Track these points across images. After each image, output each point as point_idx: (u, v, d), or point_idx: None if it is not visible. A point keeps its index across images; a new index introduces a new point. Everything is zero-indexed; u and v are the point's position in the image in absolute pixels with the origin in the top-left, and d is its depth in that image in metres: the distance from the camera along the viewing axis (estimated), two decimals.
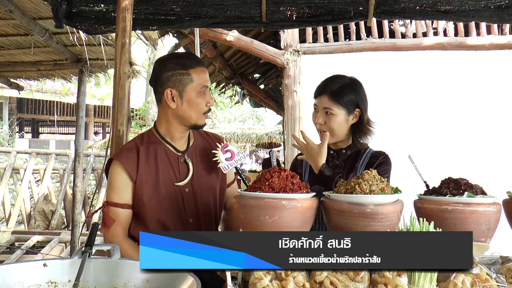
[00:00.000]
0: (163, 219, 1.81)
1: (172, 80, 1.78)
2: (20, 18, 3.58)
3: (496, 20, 2.52)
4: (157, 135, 1.87)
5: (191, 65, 1.79)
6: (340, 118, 1.96)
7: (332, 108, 1.95)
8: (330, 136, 1.97)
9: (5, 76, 5.49)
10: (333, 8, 2.55)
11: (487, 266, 1.24)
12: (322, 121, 1.97)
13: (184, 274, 1.11)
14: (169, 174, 1.82)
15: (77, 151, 5.09)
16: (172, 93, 1.78)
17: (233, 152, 1.73)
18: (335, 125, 1.95)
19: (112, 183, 1.80)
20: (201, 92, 1.79)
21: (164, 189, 1.80)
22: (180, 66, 1.78)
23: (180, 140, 1.88)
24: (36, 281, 1.17)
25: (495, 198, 1.45)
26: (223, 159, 1.73)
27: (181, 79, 1.77)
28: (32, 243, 5.99)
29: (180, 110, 1.79)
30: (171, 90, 1.78)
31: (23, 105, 18.97)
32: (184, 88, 1.77)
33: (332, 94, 1.96)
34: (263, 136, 16.22)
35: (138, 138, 1.89)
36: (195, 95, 1.78)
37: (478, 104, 5.73)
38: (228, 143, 1.82)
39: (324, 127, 1.97)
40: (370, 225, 1.38)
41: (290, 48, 5.77)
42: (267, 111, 17.45)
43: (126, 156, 1.80)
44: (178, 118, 1.82)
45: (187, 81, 1.77)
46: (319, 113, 1.99)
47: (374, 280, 1.24)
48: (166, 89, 1.78)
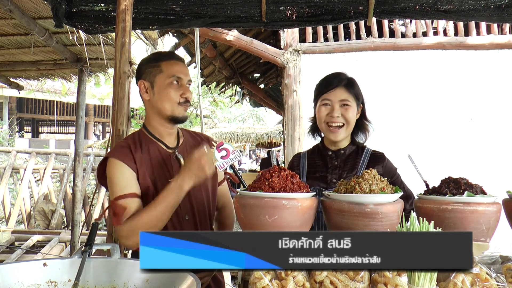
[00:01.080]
0: None
1: (144, 72, 1.85)
2: (20, 17, 3.58)
3: (496, 20, 2.52)
4: (147, 133, 1.89)
5: (162, 58, 1.86)
6: (354, 110, 1.95)
7: (349, 99, 1.94)
8: (344, 130, 1.95)
9: (5, 75, 5.49)
10: (333, 7, 2.55)
11: (487, 266, 1.24)
12: (339, 113, 1.93)
13: (184, 274, 1.11)
14: (162, 171, 1.83)
15: (77, 150, 5.09)
16: (145, 85, 1.84)
17: (228, 150, 1.73)
18: (352, 117, 1.94)
19: (113, 180, 1.75)
20: (172, 83, 1.82)
21: (161, 187, 1.79)
22: (152, 60, 1.87)
23: (168, 137, 1.89)
24: (36, 281, 1.17)
25: (495, 197, 1.45)
26: (218, 158, 1.73)
27: (151, 70, 1.83)
28: (32, 242, 5.99)
29: (153, 101, 1.83)
30: (143, 82, 1.84)
31: (23, 104, 18.97)
32: (154, 79, 1.83)
33: (347, 86, 1.95)
34: (263, 136, 16.22)
35: (130, 137, 1.91)
36: (165, 85, 1.81)
37: (478, 104, 5.73)
38: (224, 141, 1.82)
39: (340, 119, 1.94)
40: (370, 225, 1.38)
41: (290, 48, 5.77)
42: (267, 111, 17.46)
43: (122, 153, 1.80)
44: (155, 111, 1.85)
45: (156, 72, 1.82)
46: (334, 106, 1.94)
47: (374, 280, 1.24)
48: (139, 81, 1.85)
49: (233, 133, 16.32)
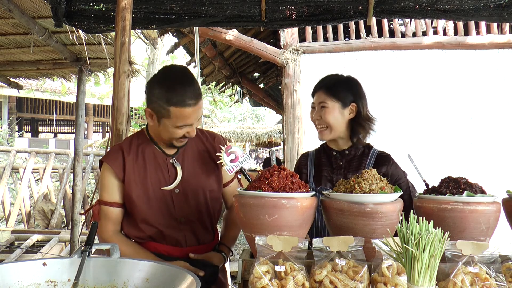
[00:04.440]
0: (151, 219, 1.84)
1: (153, 103, 1.74)
2: (20, 17, 3.58)
3: (495, 19, 2.52)
4: (147, 135, 1.90)
5: (174, 102, 1.69)
6: (334, 110, 1.97)
7: (326, 101, 1.98)
8: (328, 132, 1.99)
9: (5, 75, 5.49)
10: (333, 7, 2.55)
11: (487, 265, 1.24)
12: (318, 116, 2.00)
13: (184, 274, 1.11)
14: (157, 176, 1.85)
15: (77, 150, 5.09)
16: (151, 113, 1.77)
17: (237, 154, 1.73)
18: (330, 118, 1.97)
19: (102, 183, 1.87)
20: (179, 127, 1.75)
21: (153, 190, 1.83)
22: (164, 100, 1.70)
23: (168, 146, 1.88)
24: (35, 280, 1.17)
25: (494, 197, 1.45)
26: (227, 161, 1.72)
27: (160, 109, 1.72)
28: (31, 242, 5.98)
29: (157, 129, 1.80)
30: (149, 111, 1.77)
31: (22, 104, 18.96)
32: (160, 117, 1.75)
33: (327, 88, 2.00)
34: (262, 135, 16.22)
35: (127, 139, 1.93)
36: (171, 127, 1.75)
37: (478, 103, 5.73)
38: (232, 144, 1.81)
39: (321, 122, 1.99)
40: (369, 224, 1.38)
41: (290, 47, 5.76)
42: (266, 110, 17.46)
43: (113, 157, 1.85)
44: (156, 133, 1.84)
45: (164, 114, 1.72)
46: (316, 109, 2.02)
47: (373, 279, 1.24)
48: (146, 108, 1.79)
49: (232, 132, 16.32)
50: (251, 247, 1.45)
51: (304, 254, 1.27)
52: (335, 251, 1.26)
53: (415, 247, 1.07)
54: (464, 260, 1.23)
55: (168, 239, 1.86)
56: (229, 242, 2.01)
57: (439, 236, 1.09)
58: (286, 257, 1.25)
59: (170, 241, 1.86)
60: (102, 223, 1.84)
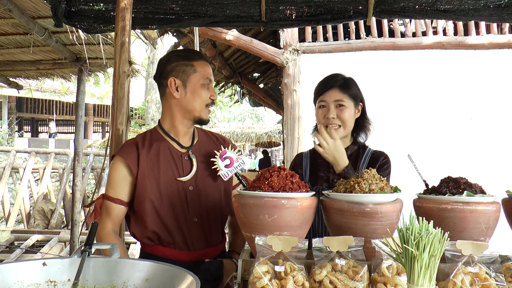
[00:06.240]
0: (163, 217, 1.79)
1: (176, 70, 1.82)
2: (19, 17, 3.58)
3: (495, 19, 2.52)
4: (161, 131, 1.88)
5: (194, 58, 1.84)
6: (350, 110, 1.98)
7: (343, 99, 1.97)
8: (341, 130, 1.97)
9: (5, 75, 5.49)
10: (333, 7, 2.55)
11: (486, 265, 1.24)
12: (334, 114, 1.97)
13: (184, 274, 1.11)
14: (172, 171, 1.82)
15: (77, 150, 5.09)
16: (176, 83, 1.81)
17: (231, 159, 1.73)
18: (347, 117, 1.97)
19: (110, 177, 1.83)
20: (205, 85, 1.82)
21: (166, 186, 1.79)
22: (184, 58, 1.83)
23: (184, 136, 1.88)
24: (35, 280, 1.17)
25: (494, 197, 1.45)
26: (222, 167, 1.72)
27: (185, 69, 1.81)
28: (31, 242, 5.98)
29: (184, 100, 1.81)
30: (174, 79, 1.81)
31: (22, 104, 18.97)
32: (187, 78, 1.81)
33: (342, 87, 1.99)
34: (262, 135, 16.24)
35: (140, 135, 1.91)
36: (199, 86, 1.81)
37: (478, 103, 5.73)
38: (227, 149, 1.80)
39: (336, 120, 1.97)
40: (369, 224, 1.38)
41: (290, 47, 5.76)
42: (266, 110, 17.46)
43: (127, 151, 1.82)
44: (182, 110, 1.83)
45: (190, 72, 1.81)
46: (330, 107, 1.98)
47: (373, 279, 1.24)
48: (169, 79, 1.81)
49: (232, 132, 16.33)
50: (251, 247, 1.45)
51: (304, 254, 1.27)
52: (335, 251, 1.26)
53: (415, 247, 1.07)
54: (464, 260, 1.23)
55: (176, 240, 1.81)
56: (239, 248, 1.99)
57: (439, 236, 1.09)
58: (286, 257, 1.25)
59: (178, 244, 1.81)
60: (102, 219, 1.81)
